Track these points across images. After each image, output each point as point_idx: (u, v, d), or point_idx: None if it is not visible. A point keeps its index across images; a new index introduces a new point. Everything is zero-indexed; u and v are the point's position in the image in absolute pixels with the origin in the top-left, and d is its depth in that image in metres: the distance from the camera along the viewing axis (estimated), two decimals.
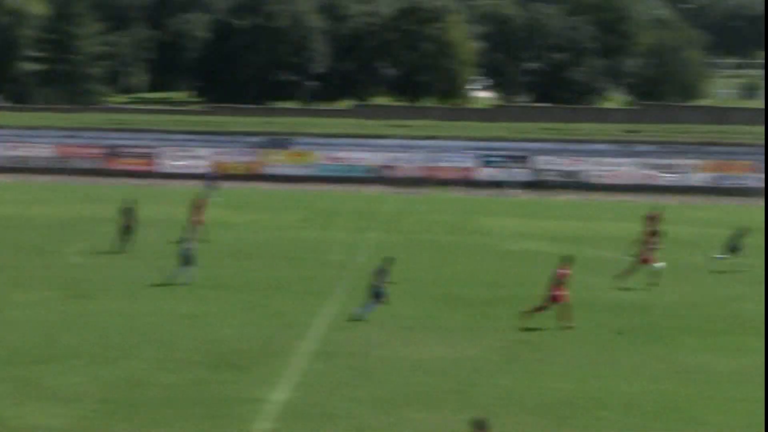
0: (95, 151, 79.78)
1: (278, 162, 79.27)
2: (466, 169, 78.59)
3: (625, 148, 79.45)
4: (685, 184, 76.41)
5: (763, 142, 78.59)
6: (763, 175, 76.41)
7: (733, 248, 40.73)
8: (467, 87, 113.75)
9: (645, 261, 36.78)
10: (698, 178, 77.31)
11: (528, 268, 39.84)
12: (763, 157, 77.03)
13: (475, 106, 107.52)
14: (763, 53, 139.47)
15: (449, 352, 26.79)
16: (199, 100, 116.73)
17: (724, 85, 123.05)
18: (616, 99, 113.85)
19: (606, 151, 79.32)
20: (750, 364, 26.20)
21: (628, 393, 23.36)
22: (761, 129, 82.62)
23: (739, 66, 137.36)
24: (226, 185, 67.56)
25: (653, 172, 77.60)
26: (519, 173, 78.19)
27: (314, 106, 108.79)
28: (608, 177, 77.63)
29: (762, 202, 66.62)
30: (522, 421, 21.21)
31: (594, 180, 77.55)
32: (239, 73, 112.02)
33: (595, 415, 21.69)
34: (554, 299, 29.84)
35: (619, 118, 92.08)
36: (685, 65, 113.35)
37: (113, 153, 79.74)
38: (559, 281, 30.01)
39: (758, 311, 32.70)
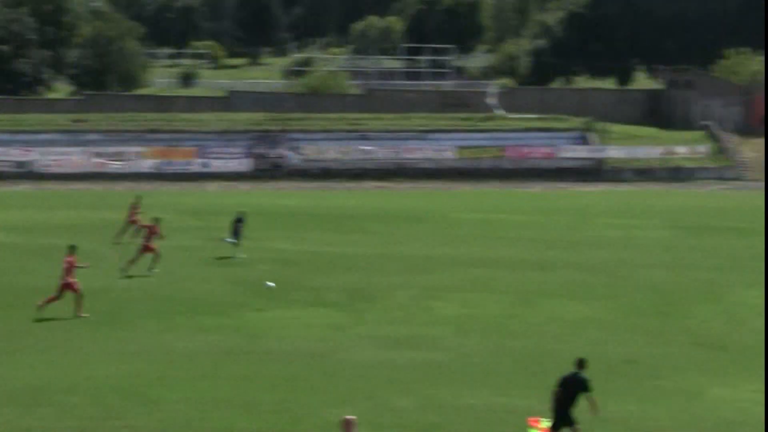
0: None
1: None
2: None
3: (73, 137, 79.40)
4: (134, 171, 77.45)
5: (201, 128, 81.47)
6: (201, 160, 79.20)
7: (235, 233, 41.34)
8: None
9: (147, 249, 37.05)
10: (146, 165, 78.67)
11: None
12: (202, 144, 79.88)
13: None
14: (193, 43, 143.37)
15: None
16: None
17: (162, 75, 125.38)
18: (61, 89, 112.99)
19: (55, 140, 78.95)
20: (205, 342, 27.49)
21: (95, 377, 23.70)
22: (200, 116, 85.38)
23: (173, 56, 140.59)
24: None
25: (103, 161, 78.12)
26: None
27: None
28: (59, 166, 77.26)
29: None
30: None
31: (45, 169, 76.95)
32: None
33: (64, 402, 21.86)
34: (66, 287, 29.78)
35: (66, 108, 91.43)
36: (125, 55, 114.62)
37: None
38: (68, 270, 29.98)
39: (213, 291, 34.35)
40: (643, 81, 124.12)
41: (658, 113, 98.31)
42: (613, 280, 37.03)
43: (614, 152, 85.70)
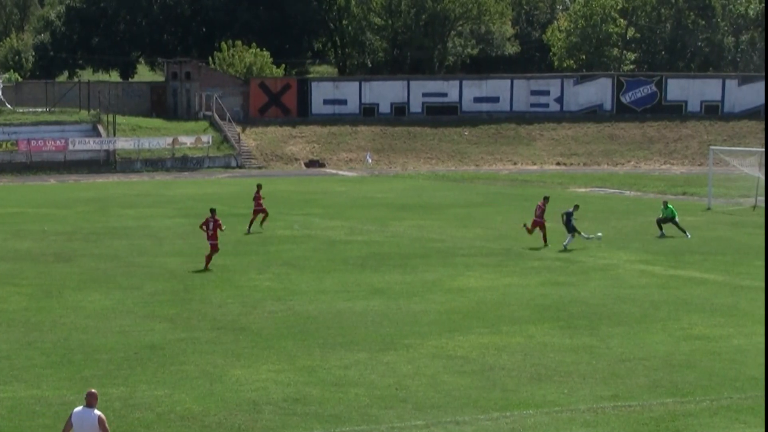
0: None
1: None
2: None
3: None
4: None
5: None
6: None
7: None
8: None
9: None
10: None
11: None
12: None
13: None
14: None
15: None
16: None
17: None
18: None
19: None
20: None
21: None
22: None
23: None
24: None
25: None
26: None
27: None
28: None
29: None
30: None
31: None
32: None
33: None
34: None
35: None
36: None
37: None
38: None
39: None
40: (145, 73, 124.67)
41: (162, 105, 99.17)
42: (133, 269, 37.19)
43: (124, 144, 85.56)
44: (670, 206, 46.61)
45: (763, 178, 59.99)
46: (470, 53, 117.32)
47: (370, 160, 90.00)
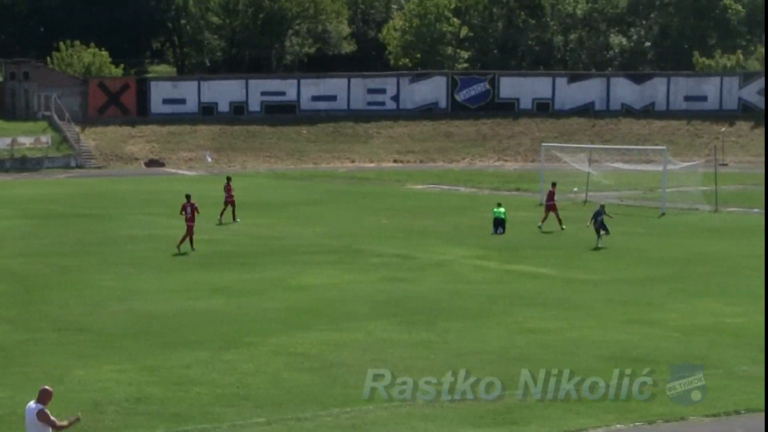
0: None
1: None
2: None
3: None
4: None
5: None
6: None
7: None
8: None
9: None
10: None
11: None
12: None
13: None
14: None
15: None
16: None
17: None
18: None
19: None
20: None
21: None
22: None
23: None
24: None
25: None
26: None
27: None
28: None
29: None
30: None
31: None
32: None
33: None
34: None
35: None
36: None
37: None
38: None
39: None
40: None
41: (0, 105, 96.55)
42: None
43: None
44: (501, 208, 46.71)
45: (594, 172, 61.75)
46: (308, 52, 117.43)
47: (209, 159, 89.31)
